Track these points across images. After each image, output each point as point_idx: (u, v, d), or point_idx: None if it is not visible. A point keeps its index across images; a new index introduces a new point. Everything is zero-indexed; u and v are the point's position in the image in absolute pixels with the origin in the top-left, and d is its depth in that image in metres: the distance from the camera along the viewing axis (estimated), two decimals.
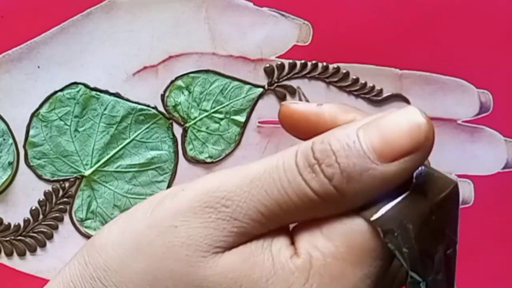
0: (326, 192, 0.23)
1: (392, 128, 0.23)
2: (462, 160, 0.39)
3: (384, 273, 0.24)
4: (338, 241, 0.23)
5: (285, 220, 0.24)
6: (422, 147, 0.23)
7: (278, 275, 0.23)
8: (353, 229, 0.23)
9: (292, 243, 0.24)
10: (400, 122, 0.23)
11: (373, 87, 0.39)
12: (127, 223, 0.25)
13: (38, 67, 0.38)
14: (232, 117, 0.39)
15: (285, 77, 0.39)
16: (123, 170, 0.38)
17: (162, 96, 0.38)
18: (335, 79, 0.39)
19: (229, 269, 0.23)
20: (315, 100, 0.38)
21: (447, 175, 0.24)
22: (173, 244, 0.23)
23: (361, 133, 0.23)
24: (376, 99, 0.39)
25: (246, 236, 0.24)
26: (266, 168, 0.24)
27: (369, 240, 0.23)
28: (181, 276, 0.23)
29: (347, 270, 0.23)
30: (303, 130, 0.27)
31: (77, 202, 0.38)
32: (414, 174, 0.24)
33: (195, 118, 0.38)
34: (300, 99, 0.37)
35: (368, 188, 0.23)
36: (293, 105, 0.28)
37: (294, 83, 0.39)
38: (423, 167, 0.24)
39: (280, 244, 0.24)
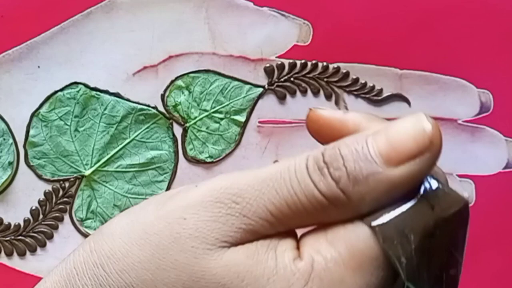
0: (333, 194, 0.23)
1: (397, 133, 0.24)
2: (463, 160, 0.39)
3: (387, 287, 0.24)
4: (341, 247, 0.24)
5: (293, 222, 0.24)
6: (427, 150, 0.23)
7: (279, 274, 0.23)
8: (356, 235, 0.24)
9: (298, 248, 0.24)
10: (406, 127, 0.24)
11: (373, 87, 0.39)
12: (137, 214, 0.25)
13: (38, 67, 0.38)
14: (232, 117, 0.39)
15: (285, 77, 0.39)
16: (123, 170, 0.38)
17: (162, 96, 0.38)
18: (335, 79, 0.39)
19: (232, 263, 0.23)
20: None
21: (458, 193, 0.24)
22: (180, 235, 0.24)
23: (369, 140, 0.24)
24: (376, 99, 0.39)
25: (254, 234, 0.24)
26: (278, 169, 0.24)
27: (371, 247, 0.23)
28: (184, 266, 0.23)
29: (347, 276, 0.23)
30: (326, 136, 0.28)
31: (77, 202, 0.38)
32: (423, 186, 0.24)
33: (195, 118, 0.38)
34: (339, 107, 0.37)
35: (373, 192, 0.23)
36: (320, 110, 0.28)
37: (294, 83, 0.39)
38: (433, 180, 0.24)
39: (285, 246, 0.24)
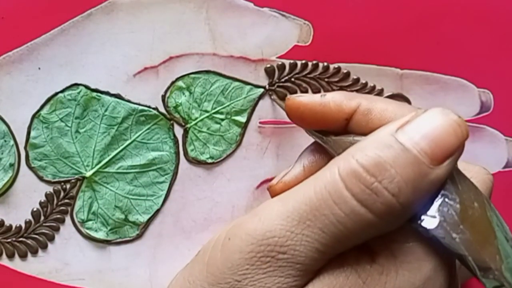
0: (391, 209, 0.22)
1: (437, 130, 0.23)
2: (463, 160, 0.39)
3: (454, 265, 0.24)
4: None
5: (343, 249, 0.23)
6: (463, 144, 0.23)
7: (368, 284, 0.23)
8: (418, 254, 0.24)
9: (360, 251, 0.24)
10: (443, 123, 0.23)
11: (374, 87, 0.39)
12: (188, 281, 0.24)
13: (39, 68, 0.37)
14: (233, 117, 0.39)
15: (286, 78, 0.39)
16: (124, 171, 0.38)
17: (163, 97, 0.38)
18: (336, 79, 0.39)
19: None
20: None
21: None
22: None
23: (402, 138, 0.22)
24: None
25: (311, 273, 0.23)
26: (309, 203, 0.22)
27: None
28: None
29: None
30: (310, 120, 0.27)
31: (78, 203, 0.38)
32: None
33: (196, 118, 0.38)
34: None
35: (424, 194, 0.22)
36: (298, 98, 0.28)
37: (295, 84, 0.39)
38: None
39: (354, 256, 0.23)
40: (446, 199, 0.23)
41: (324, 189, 0.22)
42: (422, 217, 0.23)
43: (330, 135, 0.29)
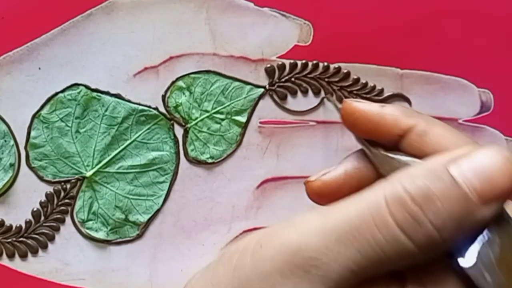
0: (431, 241, 0.22)
1: (491, 169, 0.22)
2: None
3: None
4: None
5: (376, 274, 0.23)
6: None
7: None
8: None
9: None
10: (498, 163, 0.22)
11: (374, 87, 0.39)
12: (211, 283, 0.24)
13: (39, 68, 0.38)
14: (233, 117, 0.39)
15: (286, 77, 0.39)
16: (125, 171, 0.38)
17: (163, 96, 0.38)
18: (336, 79, 0.39)
19: None
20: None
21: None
22: None
23: (455, 171, 0.22)
24: (377, 98, 0.39)
25: None
26: (350, 222, 0.22)
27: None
28: None
29: None
30: (363, 128, 0.27)
31: (78, 203, 0.38)
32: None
33: (196, 118, 0.38)
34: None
35: (467, 232, 0.22)
36: (356, 103, 0.27)
37: (295, 83, 0.39)
38: None
39: (385, 282, 0.23)
40: (486, 240, 0.23)
41: (367, 210, 0.22)
42: (459, 253, 0.23)
43: (379, 148, 0.29)
